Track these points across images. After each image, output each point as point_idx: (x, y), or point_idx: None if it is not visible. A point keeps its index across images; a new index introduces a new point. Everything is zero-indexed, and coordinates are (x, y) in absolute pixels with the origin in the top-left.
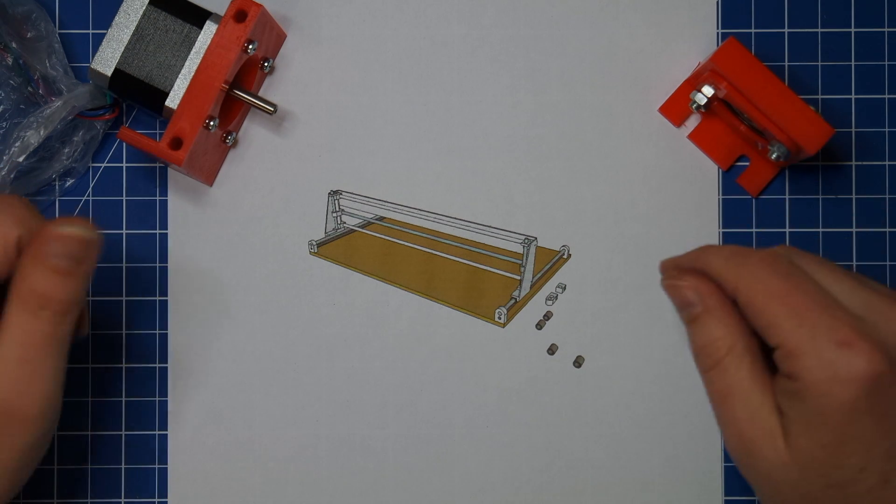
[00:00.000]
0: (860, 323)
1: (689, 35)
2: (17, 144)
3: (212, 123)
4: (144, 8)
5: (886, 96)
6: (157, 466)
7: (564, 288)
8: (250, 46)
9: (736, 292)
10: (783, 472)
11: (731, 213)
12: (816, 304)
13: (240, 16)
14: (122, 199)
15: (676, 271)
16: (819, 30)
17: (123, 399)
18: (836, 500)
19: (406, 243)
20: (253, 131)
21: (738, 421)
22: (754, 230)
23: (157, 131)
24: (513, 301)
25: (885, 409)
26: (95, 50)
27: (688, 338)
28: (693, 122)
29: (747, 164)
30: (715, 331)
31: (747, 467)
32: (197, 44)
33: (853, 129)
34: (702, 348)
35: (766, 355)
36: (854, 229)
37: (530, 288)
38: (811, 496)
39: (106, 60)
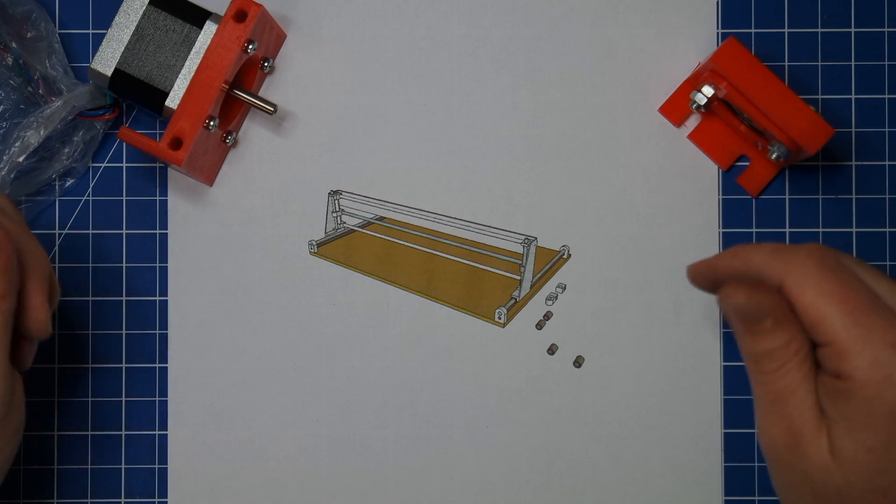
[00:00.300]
0: None
1: (689, 35)
2: (17, 144)
3: (212, 123)
4: (144, 8)
5: (886, 96)
6: (157, 466)
7: (564, 288)
8: (250, 46)
9: (783, 287)
10: (825, 474)
11: (731, 213)
12: (869, 304)
13: (240, 16)
14: (122, 199)
15: (739, 290)
16: (819, 30)
17: (123, 399)
18: None
19: (406, 243)
20: (253, 131)
21: (791, 420)
22: (754, 230)
23: (157, 131)
24: (513, 301)
25: None
26: (95, 50)
27: (742, 342)
28: (693, 122)
29: (747, 164)
30: (782, 338)
31: (788, 465)
32: (197, 44)
33: (853, 129)
34: (767, 353)
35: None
36: (854, 229)
37: (530, 288)
38: (849, 500)
39: (106, 60)
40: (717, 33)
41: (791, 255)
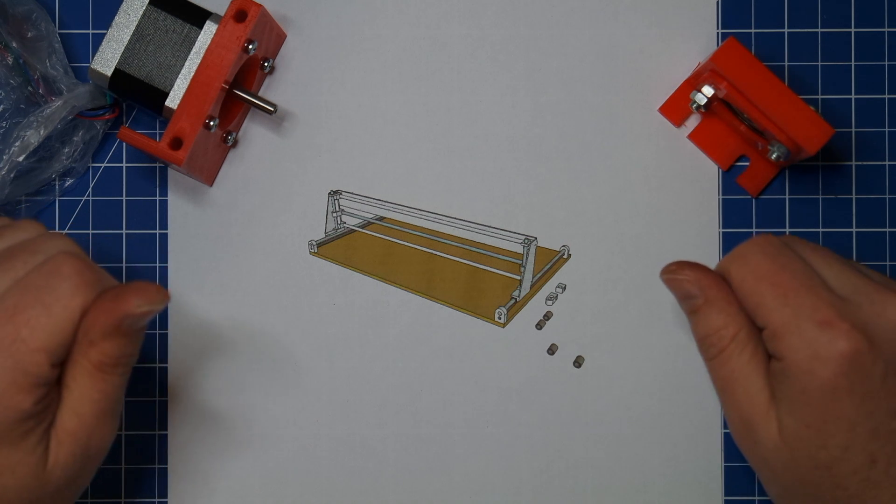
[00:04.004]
0: (843, 304)
1: (689, 35)
2: (17, 144)
3: (212, 123)
4: (144, 8)
5: (886, 96)
6: (157, 466)
7: (564, 288)
8: (250, 46)
9: (728, 276)
10: (777, 454)
11: (731, 213)
12: (801, 284)
13: (240, 16)
14: (122, 199)
15: (676, 265)
16: (819, 30)
17: (123, 399)
18: (824, 481)
19: (406, 243)
20: (253, 131)
21: (740, 406)
22: (754, 230)
23: (157, 131)
24: (513, 301)
25: (866, 389)
26: (95, 50)
27: (690, 328)
28: (693, 122)
29: (747, 164)
30: (717, 321)
31: (749, 451)
32: (197, 44)
33: (853, 129)
34: (705, 338)
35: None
36: (854, 229)
37: (530, 288)
38: (801, 478)
39: (106, 60)
40: (717, 33)
41: (739, 247)
